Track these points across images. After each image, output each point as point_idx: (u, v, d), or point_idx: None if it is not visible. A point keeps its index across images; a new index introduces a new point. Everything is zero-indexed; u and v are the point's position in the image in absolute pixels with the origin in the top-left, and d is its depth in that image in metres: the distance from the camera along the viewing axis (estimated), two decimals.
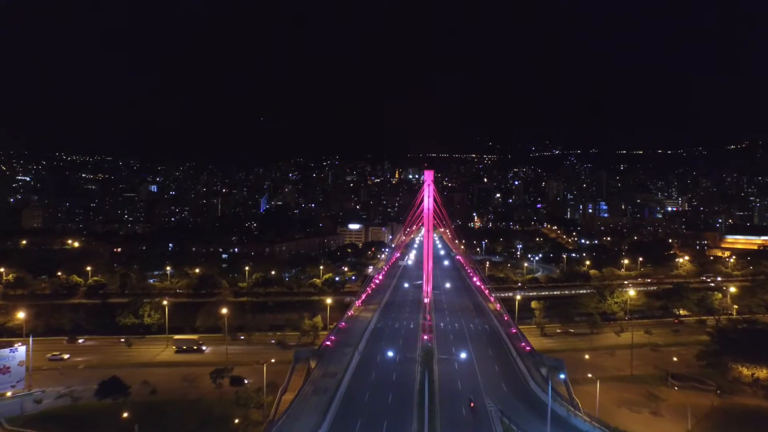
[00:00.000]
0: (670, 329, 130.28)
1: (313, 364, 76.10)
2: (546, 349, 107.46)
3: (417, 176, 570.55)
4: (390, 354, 79.73)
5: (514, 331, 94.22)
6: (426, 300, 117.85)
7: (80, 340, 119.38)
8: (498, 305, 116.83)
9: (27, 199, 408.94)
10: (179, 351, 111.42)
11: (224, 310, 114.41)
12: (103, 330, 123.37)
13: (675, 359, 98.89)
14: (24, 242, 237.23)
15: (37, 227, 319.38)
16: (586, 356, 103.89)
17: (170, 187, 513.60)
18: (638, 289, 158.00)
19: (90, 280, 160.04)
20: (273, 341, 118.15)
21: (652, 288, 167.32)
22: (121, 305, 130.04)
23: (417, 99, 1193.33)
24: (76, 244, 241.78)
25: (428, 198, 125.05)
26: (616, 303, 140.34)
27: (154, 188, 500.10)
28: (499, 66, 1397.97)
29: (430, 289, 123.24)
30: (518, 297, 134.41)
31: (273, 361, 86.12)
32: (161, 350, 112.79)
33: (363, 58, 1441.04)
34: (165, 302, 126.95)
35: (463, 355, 78.06)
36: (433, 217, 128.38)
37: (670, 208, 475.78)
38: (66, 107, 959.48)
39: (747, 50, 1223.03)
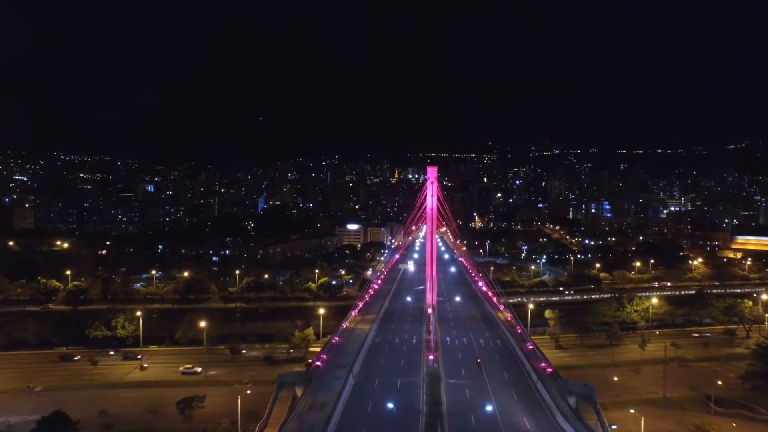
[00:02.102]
0: (698, 341, 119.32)
1: (299, 392, 64.70)
2: (564, 365, 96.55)
3: (417, 176, 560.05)
4: (390, 378, 68.66)
5: (530, 347, 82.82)
6: (430, 311, 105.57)
7: None
8: (509, 315, 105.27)
9: (23, 199, 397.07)
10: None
11: (202, 324, 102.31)
12: (72, 343, 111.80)
13: (720, 383, 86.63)
14: (11, 243, 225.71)
15: (28, 228, 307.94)
16: (615, 378, 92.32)
17: (168, 187, 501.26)
18: (656, 294, 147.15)
19: (70, 285, 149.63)
20: (262, 357, 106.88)
21: (670, 293, 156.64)
22: (94, 314, 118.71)
23: (417, 98, 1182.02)
24: (66, 246, 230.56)
25: (431, 197, 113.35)
26: (635, 311, 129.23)
27: (151, 188, 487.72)
28: (498, 65, 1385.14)
29: (434, 298, 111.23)
30: (531, 306, 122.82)
31: (249, 392, 74.79)
32: (134, 367, 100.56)
33: (362, 57, 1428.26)
34: (139, 313, 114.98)
35: (475, 381, 66.96)
36: (437, 217, 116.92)
37: (673, 208, 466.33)
38: (65, 107, 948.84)
39: (747, 49, 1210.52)
